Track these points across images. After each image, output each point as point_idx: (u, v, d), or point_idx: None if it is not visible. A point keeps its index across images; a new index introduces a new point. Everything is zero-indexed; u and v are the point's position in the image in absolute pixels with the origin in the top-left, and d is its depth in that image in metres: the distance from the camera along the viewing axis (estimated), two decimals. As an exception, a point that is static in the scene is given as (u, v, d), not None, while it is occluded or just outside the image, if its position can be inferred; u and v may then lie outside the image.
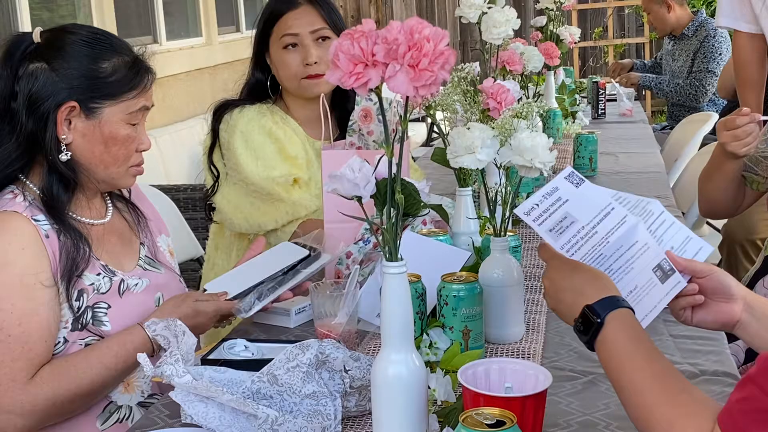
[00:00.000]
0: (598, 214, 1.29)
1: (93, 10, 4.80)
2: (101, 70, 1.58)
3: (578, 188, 1.30)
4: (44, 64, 1.56)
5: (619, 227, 1.28)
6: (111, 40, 1.63)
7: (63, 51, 1.57)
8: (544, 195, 1.29)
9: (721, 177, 2.31)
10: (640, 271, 1.26)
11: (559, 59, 3.37)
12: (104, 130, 1.59)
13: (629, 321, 1.15)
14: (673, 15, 5.10)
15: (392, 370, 1.15)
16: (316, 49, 2.18)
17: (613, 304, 1.16)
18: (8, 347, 1.48)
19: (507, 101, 1.69)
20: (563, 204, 1.29)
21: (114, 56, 1.60)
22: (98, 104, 1.58)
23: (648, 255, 1.27)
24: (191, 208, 3.72)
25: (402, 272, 1.14)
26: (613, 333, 1.13)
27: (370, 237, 1.80)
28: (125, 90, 1.60)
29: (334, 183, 1.15)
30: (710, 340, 1.58)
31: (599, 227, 1.28)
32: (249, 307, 1.67)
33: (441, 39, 0.97)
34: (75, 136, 1.58)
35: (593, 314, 1.15)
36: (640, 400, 1.07)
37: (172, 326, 1.34)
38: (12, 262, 1.50)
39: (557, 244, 1.27)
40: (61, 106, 1.55)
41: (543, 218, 1.28)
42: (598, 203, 1.30)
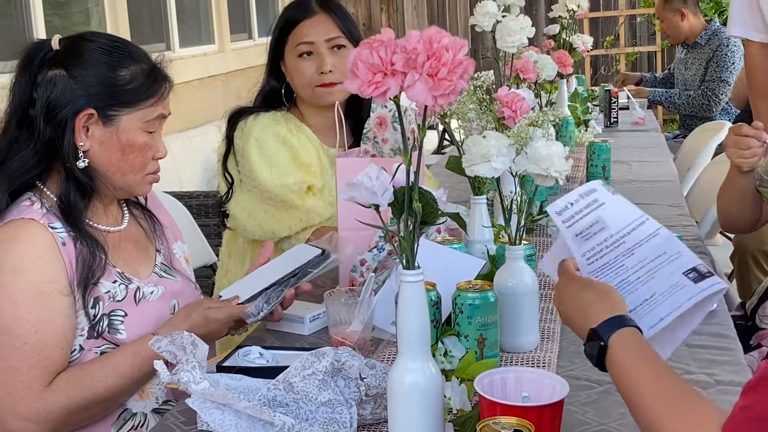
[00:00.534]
0: (630, 224, 1.28)
1: (107, 16, 4.83)
2: (119, 77, 1.59)
3: (614, 196, 1.31)
4: (63, 71, 1.56)
5: (650, 239, 1.27)
6: (129, 48, 1.64)
7: (81, 58, 1.58)
8: (581, 194, 1.29)
9: (735, 191, 2.30)
10: (663, 278, 1.25)
11: (572, 67, 3.38)
12: (122, 137, 1.59)
13: (634, 340, 1.15)
14: (687, 23, 5.08)
15: (409, 378, 1.15)
16: (331, 57, 2.19)
17: (617, 324, 1.15)
18: (24, 354, 1.49)
19: (522, 110, 1.69)
20: (599, 207, 1.28)
21: (132, 64, 1.61)
22: (116, 112, 1.59)
23: (679, 262, 1.25)
24: (204, 214, 3.73)
25: (419, 280, 1.14)
26: (617, 355, 1.14)
27: (384, 245, 1.81)
28: (143, 98, 1.60)
29: (351, 191, 1.15)
30: (726, 350, 1.58)
31: (628, 238, 1.27)
32: (258, 311, 1.66)
33: (460, 48, 0.97)
34: (92, 143, 1.59)
35: (597, 337, 1.16)
36: (649, 415, 1.07)
37: (177, 339, 1.34)
38: (28, 269, 1.50)
39: (579, 251, 1.26)
40: (79, 113, 1.56)
41: (574, 220, 1.27)
42: (632, 213, 1.30)
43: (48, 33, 4.17)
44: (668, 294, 1.23)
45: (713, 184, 3.39)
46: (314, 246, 1.78)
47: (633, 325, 1.16)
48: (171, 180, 4.40)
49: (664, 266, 1.26)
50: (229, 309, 1.65)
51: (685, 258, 1.26)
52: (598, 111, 4.46)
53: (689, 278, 1.23)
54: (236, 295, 1.68)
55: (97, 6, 4.84)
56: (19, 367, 1.49)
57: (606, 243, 1.27)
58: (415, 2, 9.96)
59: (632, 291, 1.24)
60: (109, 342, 1.58)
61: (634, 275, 1.26)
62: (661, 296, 1.24)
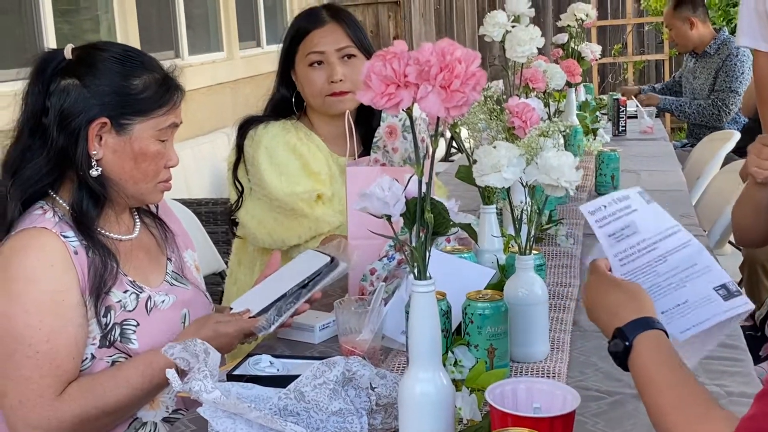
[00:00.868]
0: (662, 232, 1.30)
1: (117, 24, 4.86)
2: (132, 86, 1.60)
3: (648, 204, 1.32)
4: (76, 81, 1.57)
5: (681, 249, 1.28)
6: (142, 57, 1.65)
7: (95, 68, 1.59)
8: (614, 199, 1.31)
9: (750, 203, 2.29)
10: (695, 289, 1.26)
11: (580, 76, 3.38)
12: (134, 146, 1.60)
13: (658, 343, 1.15)
14: (696, 32, 5.08)
15: (420, 388, 1.15)
16: (342, 66, 2.20)
17: (644, 325, 1.16)
18: (36, 363, 1.49)
19: (532, 120, 1.70)
20: (631, 213, 1.30)
21: (145, 73, 1.62)
22: (129, 120, 1.59)
23: (710, 276, 1.26)
24: (213, 222, 3.74)
25: (430, 291, 1.14)
26: (640, 356, 1.14)
27: (394, 254, 1.81)
28: (156, 107, 1.61)
29: (363, 201, 1.15)
30: (736, 361, 1.58)
31: (660, 244, 1.28)
32: (269, 324, 1.66)
33: (472, 60, 0.98)
34: (106, 151, 1.59)
35: (622, 337, 1.17)
36: (664, 419, 1.08)
37: (190, 347, 1.34)
38: (41, 278, 1.51)
39: (612, 251, 1.27)
40: (93, 122, 1.57)
41: (607, 221, 1.29)
42: (665, 222, 1.31)
43: (58, 40, 4.20)
44: (700, 304, 1.24)
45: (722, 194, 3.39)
46: (322, 252, 1.78)
47: (660, 328, 1.16)
48: (179, 187, 4.41)
49: (696, 278, 1.27)
50: (239, 323, 1.64)
51: (716, 273, 1.27)
52: (606, 120, 4.46)
53: (719, 294, 1.24)
54: (247, 308, 1.68)
55: (107, 13, 4.86)
56: (31, 375, 1.49)
57: (638, 246, 1.28)
58: (422, 10, 9.98)
59: (665, 294, 1.25)
60: (120, 351, 1.59)
61: (666, 281, 1.27)
62: (693, 304, 1.24)
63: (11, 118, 1.63)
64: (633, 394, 1.38)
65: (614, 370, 1.46)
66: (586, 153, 3.52)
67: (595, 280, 1.28)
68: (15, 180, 1.58)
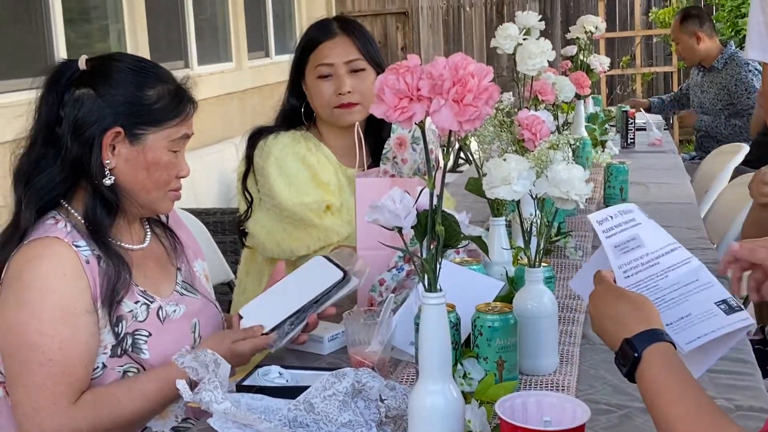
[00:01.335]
0: (664, 247, 1.31)
1: (126, 34, 4.89)
2: (146, 97, 1.61)
3: (648, 220, 1.33)
4: (90, 90, 1.58)
5: (681, 266, 1.29)
6: (155, 68, 1.67)
7: (109, 78, 1.60)
8: (620, 211, 1.32)
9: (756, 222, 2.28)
10: (697, 303, 1.26)
11: (590, 88, 3.38)
12: (147, 156, 1.61)
13: (667, 355, 1.15)
14: (703, 46, 5.08)
15: (430, 401, 1.15)
16: (350, 79, 2.21)
17: (653, 337, 1.16)
18: (50, 371, 1.50)
19: (542, 133, 1.70)
20: (635, 225, 1.31)
21: (158, 84, 1.63)
22: (143, 131, 1.60)
23: (711, 292, 1.27)
24: (221, 231, 3.74)
25: (441, 303, 1.15)
26: (649, 368, 1.14)
27: (403, 265, 1.81)
28: (169, 117, 1.62)
29: (375, 213, 1.16)
30: (745, 375, 1.57)
31: (662, 260, 1.29)
32: (281, 340, 1.68)
33: (485, 75, 0.98)
34: (119, 161, 1.60)
35: (631, 348, 1.16)
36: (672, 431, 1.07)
37: (201, 357, 1.35)
38: (53, 288, 1.52)
39: (617, 262, 1.28)
40: (107, 131, 1.58)
41: (613, 232, 1.30)
42: (665, 239, 1.33)
43: (68, 50, 4.22)
44: (703, 318, 1.24)
45: (731, 207, 3.38)
46: (331, 261, 1.77)
47: (668, 340, 1.16)
48: (188, 197, 4.40)
49: (697, 293, 1.27)
50: (254, 342, 1.64)
51: (717, 289, 1.28)
52: (614, 132, 4.46)
53: (721, 309, 1.24)
54: (258, 317, 1.69)
55: (117, 23, 4.89)
56: (44, 383, 1.50)
57: (642, 260, 1.29)
58: (430, 21, 10.01)
59: (668, 308, 1.25)
60: (132, 361, 1.59)
61: (668, 295, 1.27)
62: (696, 318, 1.24)
63: (24, 127, 1.64)
64: (642, 408, 1.38)
65: (623, 384, 1.46)
66: (595, 165, 3.52)
67: (601, 290, 1.28)
68: (29, 189, 1.59)
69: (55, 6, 4.20)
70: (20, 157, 1.63)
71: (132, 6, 4.90)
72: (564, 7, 9.63)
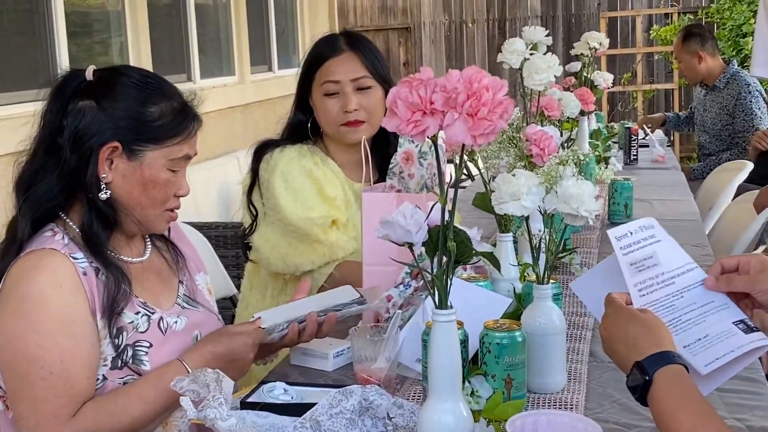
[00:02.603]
0: (681, 267, 1.30)
1: (129, 46, 4.89)
2: (148, 113, 1.59)
3: (668, 236, 1.32)
4: (93, 102, 1.57)
5: (697, 286, 1.28)
6: (161, 84, 1.64)
7: (113, 91, 1.58)
8: (641, 227, 1.31)
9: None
10: (715, 323, 1.24)
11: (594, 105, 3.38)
12: (145, 173, 1.59)
13: (678, 378, 1.13)
14: (704, 65, 5.08)
15: (439, 419, 1.14)
16: (356, 96, 2.20)
17: (664, 360, 1.14)
18: (50, 384, 1.48)
19: (550, 148, 1.69)
20: (655, 242, 1.30)
21: (162, 101, 1.61)
22: (141, 147, 1.58)
23: (728, 312, 1.25)
24: (223, 245, 3.73)
25: (451, 320, 1.13)
26: (660, 390, 1.12)
27: (411, 281, 1.79)
28: (169, 135, 1.60)
29: (385, 229, 1.14)
30: (756, 395, 1.56)
31: (678, 279, 1.28)
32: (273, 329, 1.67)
33: (500, 89, 0.97)
34: (115, 175, 1.59)
35: (642, 371, 1.14)
36: None
37: (200, 378, 1.31)
38: (50, 299, 1.50)
39: (632, 281, 1.26)
40: (104, 145, 1.56)
41: (631, 249, 1.28)
42: (683, 258, 1.31)
43: (71, 63, 4.22)
44: (722, 337, 1.22)
45: (736, 224, 3.37)
46: (357, 290, 1.78)
47: (680, 362, 1.14)
48: (189, 211, 4.40)
49: (714, 312, 1.25)
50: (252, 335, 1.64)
51: (733, 310, 1.26)
52: (617, 148, 4.45)
53: (739, 328, 1.23)
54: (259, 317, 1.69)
55: (120, 36, 4.89)
56: (45, 396, 1.48)
57: (657, 279, 1.27)
58: (432, 36, 10.03)
59: (685, 329, 1.24)
60: (133, 373, 1.58)
61: (685, 315, 1.25)
62: (715, 338, 1.22)
63: (27, 138, 1.62)
64: (652, 427, 1.36)
65: (632, 403, 1.43)
66: (598, 181, 3.51)
67: (612, 312, 1.26)
68: (28, 198, 1.57)
69: (58, 19, 4.20)
70: (22, 166, 1.62)
71: (135, 19, 4.90)
72: (566, 24, 9.65)
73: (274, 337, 1.67)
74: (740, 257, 1.31)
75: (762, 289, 1.26)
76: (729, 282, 1.28)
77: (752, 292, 1.27)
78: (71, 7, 4.43)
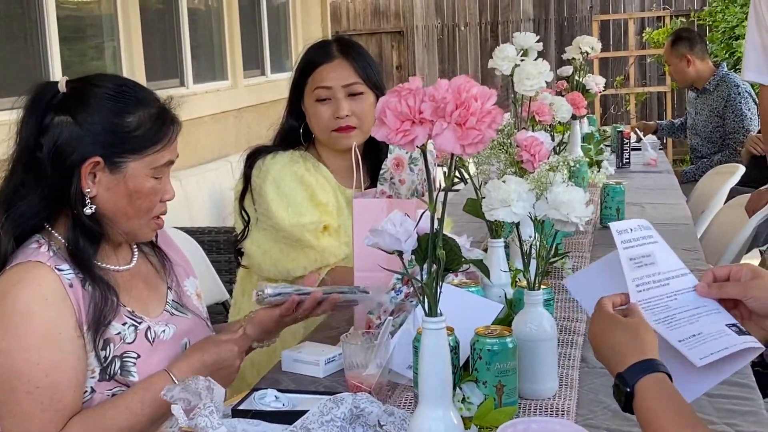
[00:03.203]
0: (675, 270, 1.31)
1: (122, 52, 4.88)
2: (126, 124, 1.56)
3: (662, 240, 1.33)
4: (69, 118, 1.54)
5: (690, 291, 1.29)
6: (137, 92, 1.62)
7: (88, 105, 1.55)
8: (640, 225, 1.32)
9: None
10: (708, 323, 1.25)
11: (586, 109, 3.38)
12: (129, 184, 1.57)
13: (660, 387, 1.14)
14: (693, 69, 5.11)
15: (429, 427, 1.14)
16: (348, 102, 2.20)
17: (645, 369, 1.15)
18: (37, 398, 1.48)
19: (541, 154, 1.69)
20: (652, 243, 1.31)
21: (139, 109, 1.58)
22: (123, 159, 1.56)
23: (720, 315, 1.26)
24: (215, 250, 3.72)
25: (441, 328, 1.13)
26: (644, 401, 1.13)
27: (402, 287, 1.79)
28: (150, 144, 1.58)
29: (375, 237, 1.14)
30: (747, 400, 1.56)
31: (672, 282, 1.29)
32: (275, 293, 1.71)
33: (488, 98, 0.97)
34: (99, 189, 1.57)
35: (623, 383, 1.16)
36: None
37: (191, 386, 1.31)
38: (36, 313, 1.49)
39: (630, 275, 1.27)
40: (85, 161, 1.54)
41: (632, 245, 1.29)
42: (677, 262, 1.33)
43: (63, 69, 4.21)
44: (716, 336, 1.22)
45: (728, 228, 3.38)
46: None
47: (662, 370, 1.15)
48: (182, 215, 4.40)
49: (707, 315, 1.26)
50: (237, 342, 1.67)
51: (725, 314, 1.27)
52: (609, 152, 4.46)
53: (732, 330, 1.23)
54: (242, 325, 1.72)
55: (113, 42, 4.89)
56: (32, 411, 1.48)
57: (654, 278, 1.29)
58: (425, 40, 10.05)
59: (680, 326, 1.24)
60: (121, 384, 1.57)
61: (679, 314, 1.26)
62: (709, 336, 1.23)
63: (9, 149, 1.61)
64: (643, 433, 1.37)
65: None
66: (591, 185, 3.52)
67: (598, 318, 1.27)
68: (9, 216, 1.55)
69: (50, 24, 4.20)
70: (2, 183, 1.60)
71: (127, 24, 4.89)
72: (558, 27, 9.67)
73: (270, 301, 1.71)
74: (732, 266, 1.32)
75: (753, 296, 1.26)
76: (720, 288, 1.29)
77: (743, 298, 1.27)
78: (63, 13, 4.43)
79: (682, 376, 1.19)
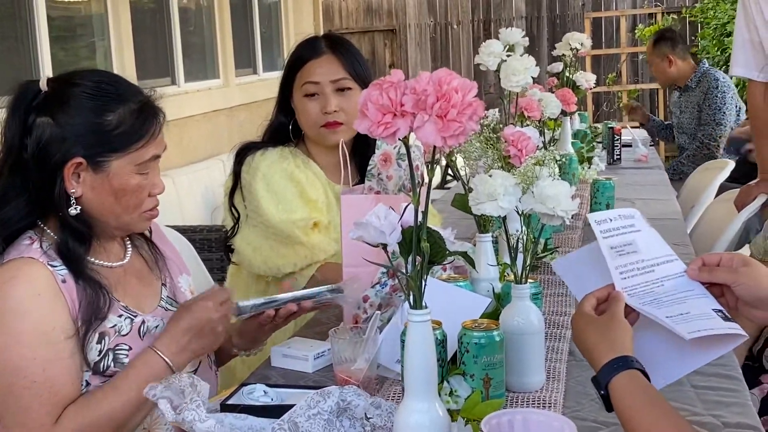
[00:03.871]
0: (661, 257, 1.31)
1: (113, 51, 4.88)
2: (106, 123, 1.55)
3: (650, 228, 1.33)
4: (49, 119, 1.53)
5: (677, 277, 1.29)
6: (117, 88, 1.60)
7: (67, 105, 1.54)
8: (621, 215, 1.32)
9: None
10: (695, 306, 1.25)
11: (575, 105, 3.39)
12: (113, 182, 1.57)
13: (631, 384, 1.15)
14: (674, 68, 5.16)
15: (414, 419, 1.14)
16: (336, 98, 2.21)
17: (617, 367, 1.16)
18: (34, 393, 1.48)
19: (528, 149, 1.70)
20: (634, 231, 1.31)
21: (120, 106, 1.57)
22: (105, 158, 1.55)
23: (707, 300, 1.26)
24: (207, 249, 3.72)
25: (426, 320, 1.14)
26: (620, 400, 1.15)
27: (387, 280, 1.80)
28: (132, 141, 1.57)
29: (359, 230, 1.15)
30: (732, 392, 1.57)
31: (658, 268, 1.29)
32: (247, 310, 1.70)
33: (469, 90, 0.98)
34: (84, 189, 1.56)
35: (597, 386, 1.18)
36: None
37: (174, 384, 1.30)
38: (29, 309, 1.49)
39: (613, 263, 1.27)
40: (68, 162, 1.53)
41: (611, 234, 1.30)
42: (664, 249, 1.33)
43: (54, 68, 4.21)
44: (703, 317, 1.23)
45: (718, 223, 3.40)
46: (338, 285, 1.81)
47: (635, 366, 1.16)
48: (174, 214, 4.40)
49: (695, 299, 1.26)
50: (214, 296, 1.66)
51: (712, 300, 1.27)
52: (600, 148, 4.47)
53: (718, 315, 1.24)
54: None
55: (103, 40, 4.88)
56: (30, 405, 1.48)
57: (637, 265, 1.29)
58: (418, 39, 10.05)
59: (668, 306, 1.24)
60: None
61: (667, 298, 1.26)
62: (695, 316, 1.23)
63: None
64: (629, 424, 1.37)
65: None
66: (581, 181, 3.53)
67: (576, 318, 1.28)
68: None
69: (40, 24, 4.20)
70: None
71: (118, 23, 4.89)
72: (550, 25, 9.69)
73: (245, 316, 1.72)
74: (722, 254, 1.32)
75: (743, 282, 1.26)
76: (711, 273, 1.29)
77: (732, 284, 1.27)
78: (54, 12, 4.42)
79: (664, 354, 1.20)
